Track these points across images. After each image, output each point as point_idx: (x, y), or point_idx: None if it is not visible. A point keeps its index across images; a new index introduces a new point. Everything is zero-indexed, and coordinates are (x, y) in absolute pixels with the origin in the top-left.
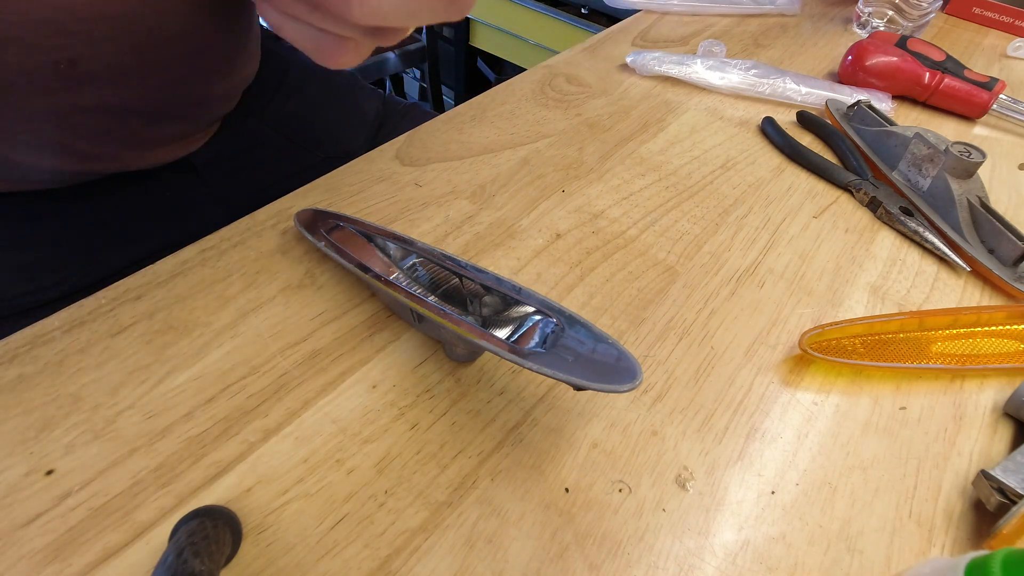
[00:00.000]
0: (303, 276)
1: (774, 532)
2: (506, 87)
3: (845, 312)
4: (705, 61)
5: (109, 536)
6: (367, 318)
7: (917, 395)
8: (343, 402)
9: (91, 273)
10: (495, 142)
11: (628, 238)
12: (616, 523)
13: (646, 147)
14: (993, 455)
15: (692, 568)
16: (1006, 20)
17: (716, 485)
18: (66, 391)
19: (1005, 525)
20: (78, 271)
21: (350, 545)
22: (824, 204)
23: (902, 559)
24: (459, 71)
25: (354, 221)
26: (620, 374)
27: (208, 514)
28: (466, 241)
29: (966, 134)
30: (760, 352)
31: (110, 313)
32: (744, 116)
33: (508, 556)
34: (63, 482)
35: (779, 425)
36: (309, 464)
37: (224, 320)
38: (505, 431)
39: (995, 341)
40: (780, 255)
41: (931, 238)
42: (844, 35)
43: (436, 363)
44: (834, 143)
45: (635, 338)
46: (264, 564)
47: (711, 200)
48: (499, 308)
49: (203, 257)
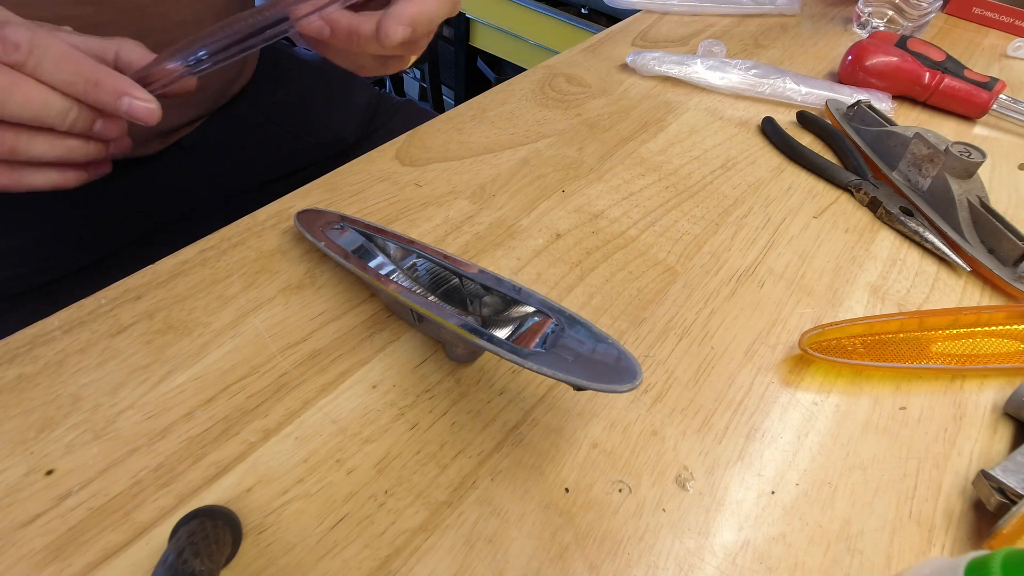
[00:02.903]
0: (303, 276)
1: (774, 532)
2: (506, 87)
3: (845, 312)
4: (705, 61)
5: (109, 536)
6: (367, 318)
7: (917, 395)
8: (343, 402)
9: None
10: (495, 142)
11: (628, 238)
12: (616, 523)
13: (646, 147)
14: (993, 455)
15: (692, 568)
16: (1006, 20)
17: (716, 485)
18: (66, 391)
19: (1005, 525)
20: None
21: (350, 545)
22: (824, 204)
23: (902, 559)
24: (459, 71)
25: (354, 221)
26: (620, 374)
27: (208, 514)
28: (466, 241)
29: (966, 134)
30: (760, 352)
31: (110, 313)
32: (744, 116)
33: (508, 556)
34: (63, 482)
35: (779, 425)
36: (309, 464)
37: (224, 320)
38: (505, 431)
39: (995, 341)
40: (780, 255)
41: (931, 238)
42: (844, 35)
43: (436, 363)
44: (834, 143)
45: (635, 338)
46: (264, 564)
47: (711, 200)
48: (499, 308)
49: (203, 257)
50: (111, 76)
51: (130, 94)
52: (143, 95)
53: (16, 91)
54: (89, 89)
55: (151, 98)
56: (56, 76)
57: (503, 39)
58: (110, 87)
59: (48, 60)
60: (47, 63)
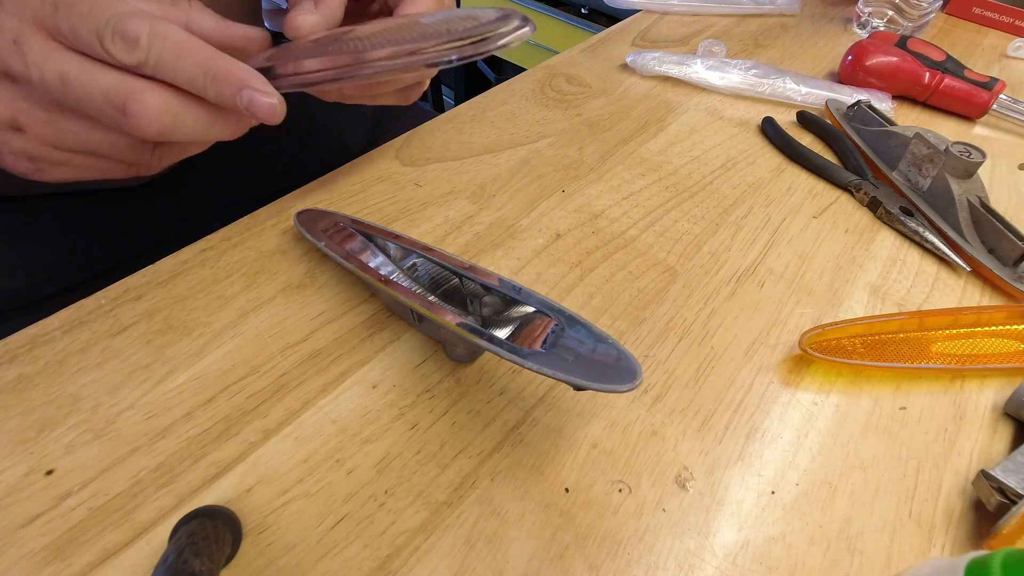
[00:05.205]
0: (303, 276)
1: (774, 532)
2: (506, 87)
3: (845, 312)
4: (705, 61)
5: (109, 536)
6: (367, 318)
7: (917, 395)
8: (343, 402)
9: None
10: (495, 142)
11: (628, 238)
12: (616, 523)
13: (646, 147)
14: (993, 455)
15: (692, 568)
16: (1006, 20)
17: (716, 485)
18: (66, 391)
19: (1005, 525)
20: (76, 266)
21: (350, 545)
22: (824, 204)
23: (902, 559)
24: (459, 71)
25: (354, 221)
26: (620, 374)
27: (208, 514)
28: (466, 241)
29: (966, 134)
30: (760, 352)
31: (110, 313)
32: (744, 116)
33: (508, 556)
34: (63, 482)
35: (779, 425)
36: (309, 464)
37: (224, 320)
38: (505, 431)
39: (995, 341)
40: (780, 255)
41: (931, 238)
42: (844, 35)
43: (436, 363)
44: (834, 143)
45: (635, 338)
46: (264, 564)
47: (711, 200)
48: (499, 308)
49: (203, 257)
50: (232, 66)
51: (249, 87)
52: (265, 88)
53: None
54: (208, 84)
55: (274, 92)
56: (176, 73)
57: None
58: (230, 78)
59: (168, 54)
60: (167, 58)
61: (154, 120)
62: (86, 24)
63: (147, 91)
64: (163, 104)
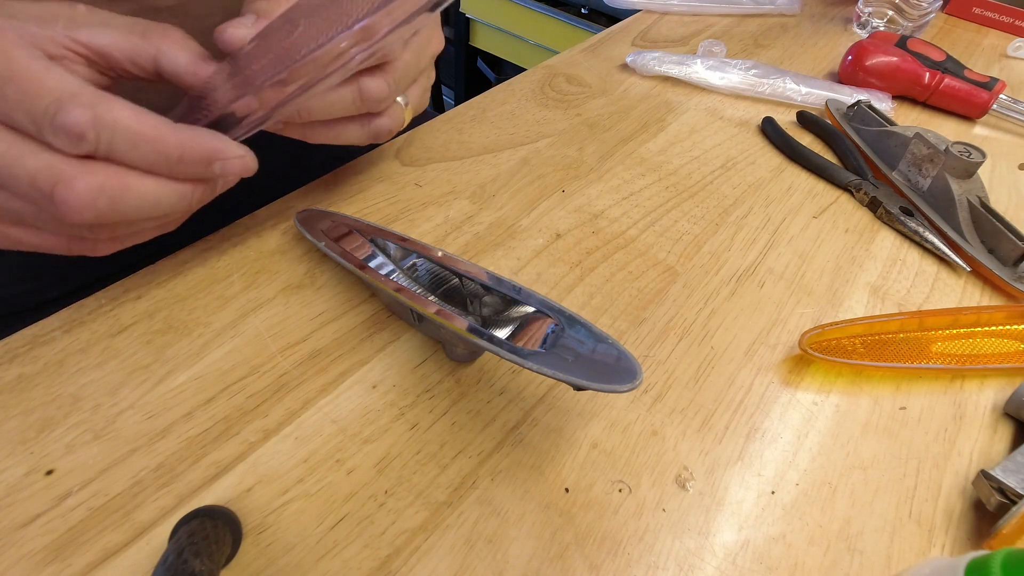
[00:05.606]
0: (303, 276)
1: (774, 532)
2: (506, 87)
3: (845, 312)
4: (705, 61)
5: (109, 536)
6: (367, 318)
7: (917, 395)
8: (343, 402)
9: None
10: (495, 142)
11: (628, 238)
12: (616, 523)
13: (646, 147)
14: (993, 455)
15: (692, 568)
16: (1006, 20)
17: (716, 485)
18: (66, 391)
19: (1005, 525)
20: (78, 270)
21: (350, 545)
22: (824, 204)
23: (902, 559)
24: (459, 71)
25: (354, 221)
26: (620, 374)
27: (208, 514)
28: (466, 241)
29: (966, 134)
30: (760, 352)
31: (110, 313)
32: (744, 116)
33: (508, 556)
34: (63, 482)
35: (779, 425)
36: (309, 464)
37: (224, 320)
38: (505, 431)
39: (995, 341)
40: (780, 255)
41: (931, 238)
42: (844, 35)
43: (436, 363)
44: (834, 143)
45: (635, 338)
46: (264, 564)
47: (711, 200)
48: (499, 308)
49: (203, 257)
50: (194, 142)
51: (219, 157)
52: (233, 151)
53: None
54: (175, 167)
55: (242, 150)
56: (136, 161)
57: (503, 39)
58: (196, 158)
59: (121, 143)
60: (121, 147)
61: (88, 206)
62: (19, 111)
63: (78, 177)
64: (98, 188)
